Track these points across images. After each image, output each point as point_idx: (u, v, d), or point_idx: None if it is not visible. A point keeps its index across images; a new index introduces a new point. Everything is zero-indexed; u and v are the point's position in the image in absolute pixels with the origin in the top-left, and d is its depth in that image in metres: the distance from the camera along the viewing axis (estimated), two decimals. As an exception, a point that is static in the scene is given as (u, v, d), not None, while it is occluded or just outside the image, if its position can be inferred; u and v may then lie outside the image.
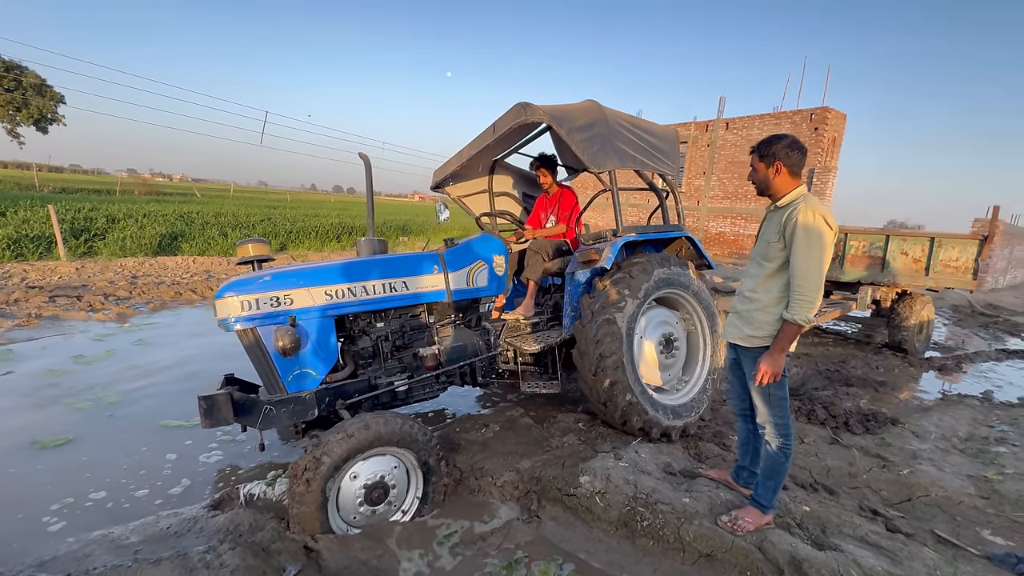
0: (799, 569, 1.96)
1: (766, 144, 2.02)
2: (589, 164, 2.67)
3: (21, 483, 2.47)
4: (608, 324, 2.63)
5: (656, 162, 3.01)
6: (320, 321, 2.43)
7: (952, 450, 3.33)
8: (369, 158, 3.04)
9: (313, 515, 1.99)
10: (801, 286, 1.88)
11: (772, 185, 2.01)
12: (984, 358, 6.27)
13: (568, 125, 2.58)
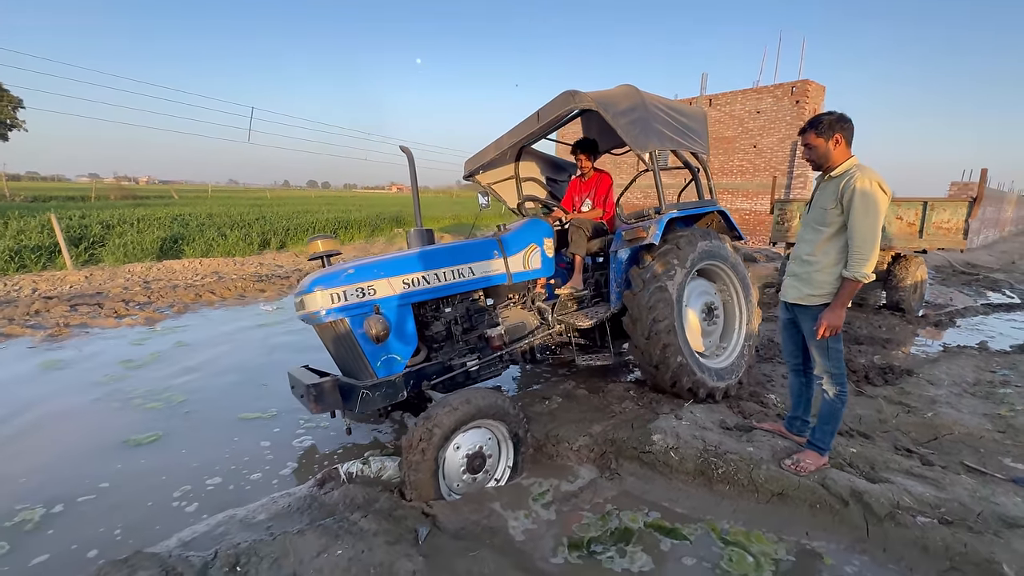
0: (860, 500, 2.24)
1: (819, 121, 2.23)
2: (632, 146, 2.86)
3: (133, 476, 2.61)
4: (660, 291, 2.85)
5: (689, 141, 3.21)
6: (400, 309, 2.59)
7: (964, 394, 3.67)
8: (411, 151, 3.15)
9: (428, 482, 2.19)
10: (860, 246, 2.12)
11: (831, 156, 2.23)
12: (973, 313, 6.73)
13: (613, 110, 2.75)
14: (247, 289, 7.21)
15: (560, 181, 4.28)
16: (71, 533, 2.16)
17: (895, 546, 2.06)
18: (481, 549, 2.00)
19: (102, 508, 2.32)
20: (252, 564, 1.87)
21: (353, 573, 1.80)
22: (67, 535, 2.14)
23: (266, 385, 3.80)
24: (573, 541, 2.12)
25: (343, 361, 2.64)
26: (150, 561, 1.87)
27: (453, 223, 18.17)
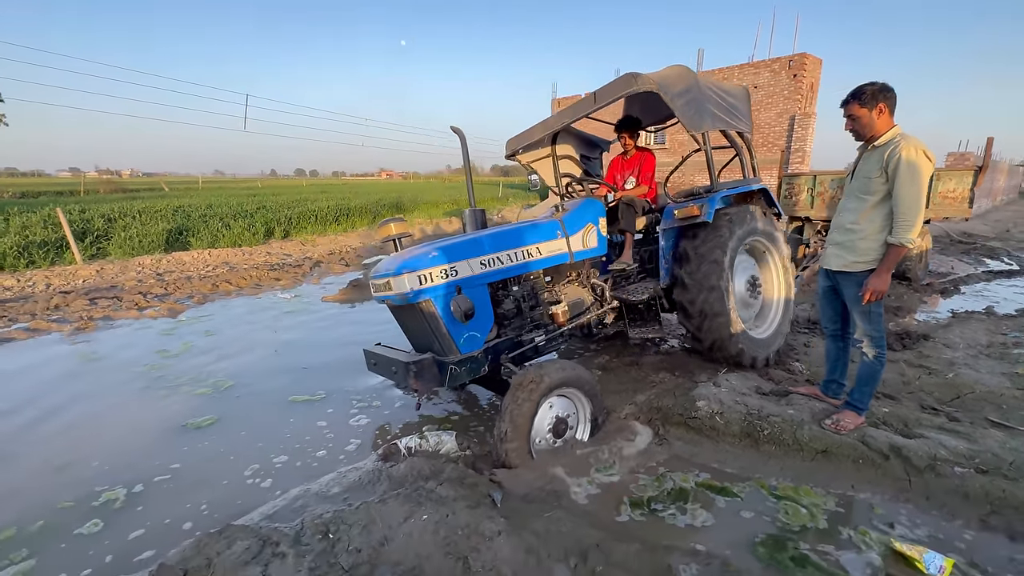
0: (899, 454, 2.38)
1: (862, 91, 2.29)
2: (688, 126, 2.92)
3: (202, 457, 2.71)
4: (714, 266, 2.95)
5: (736, 121, 3.27)
6: (478, 289, 2.69)
7: (980, 355, 3.83)
8: (462, 131, 3.19)
9: (525, 422, 2.33)
10: (905, 213, 2.21)
11: (875, 126, 2.30)
12: (975, 280, 6.91)
13: (670, 92, 2.80)
14: (262, 278, 7.23)
15: (592, 158, 4.32)
16: (160, 509, 2.26)
17: (937, 494, 2.20)
18: (555, 511, 2.12)
19: (182, 486, 2.43)
20: (342, 531, 1.98)
21: (442, 535, 1.90)
22: (156, 511, 2.24)
23: (306, 369, 3.88)
24: (634, 500, 2.25)
25: (422, 339, 2.74)
26: (244, 532, 1.97)
27: (454, 208, 18.12)
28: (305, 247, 10.23)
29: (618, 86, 2.84)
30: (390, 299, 2.63)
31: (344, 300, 6.21)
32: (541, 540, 1.91)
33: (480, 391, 3.52)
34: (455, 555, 1.83)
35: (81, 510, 2.27)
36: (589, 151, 4.34)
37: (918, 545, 1.90)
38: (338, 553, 1.87)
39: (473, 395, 3.49)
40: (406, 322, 2.79)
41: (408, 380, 2.46)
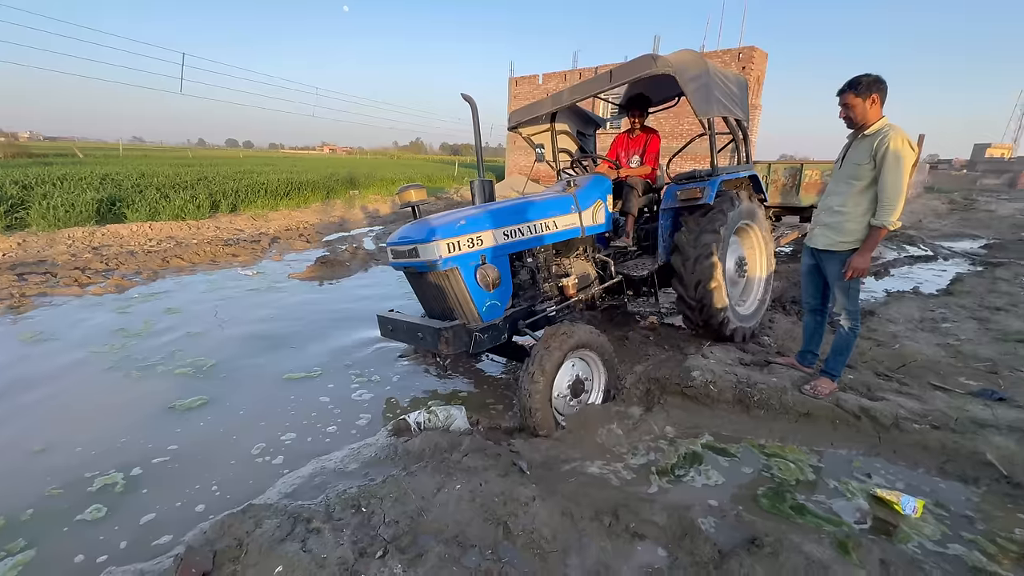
0: (868, 414, 2.68)
1: (858, 82, 2.47)
2: (697, 111, 3.02)
3: (200, 438, 2.58)
4: (709, 246, 3.11)
5: (736, 108, 3.42)
6: (500, 259, 2.71)
7: (917, 329, 4.31)
8: (473, 99, 3.12)
9: (554, 367, 2.41)
10: (890, 198, 2.44)
11: (867, 115, 2.49)
12: (900, 264, 7.70)
13: (685, 75, 2.88)
14: (217, 254, 6.76)
15: (588, 135, 4.37)
16: (167, 492, 2.14)
17: (902, 448, 2.51)
18: (578, 475, 2.22)
19: (186, 468, 2.30)
20: (374, 505, 1.97)
21: (478, 503, 1.95)
22: (164, 494, 2.12)
23: (294, 347, 3.73)
24: (651, 463, 2.39)
25: (441, 306, 2.73)
26: (269, 511, 1.92)
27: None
28: (257, 222, 9.63)
29: (637, 66, 2.88)
30: (414, 265, 2.60)
31: (312, 277, 5.97)
32: (573, 503, 2.00)
33: (483, 367, 3.55)
34: (494, 521, 1.88)
35: (75, 496, 2.10)
36: (585, 128, 4.39)
37: (894, 491, 2.17)
38: (375, 525, 1.87)
39: (476, 371, 3.51)
40: (426, 289, 2.77)
41: (439, 344, 2.46)
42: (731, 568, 1.68)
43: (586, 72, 19.61)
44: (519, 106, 3.89)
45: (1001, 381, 3.24)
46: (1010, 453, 2.35)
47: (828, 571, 1.65)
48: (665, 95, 4.02)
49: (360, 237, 9.20)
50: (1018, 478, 2.24)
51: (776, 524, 1.95)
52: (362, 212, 12.71)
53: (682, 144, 4.17)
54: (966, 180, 30.30)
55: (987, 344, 3.92)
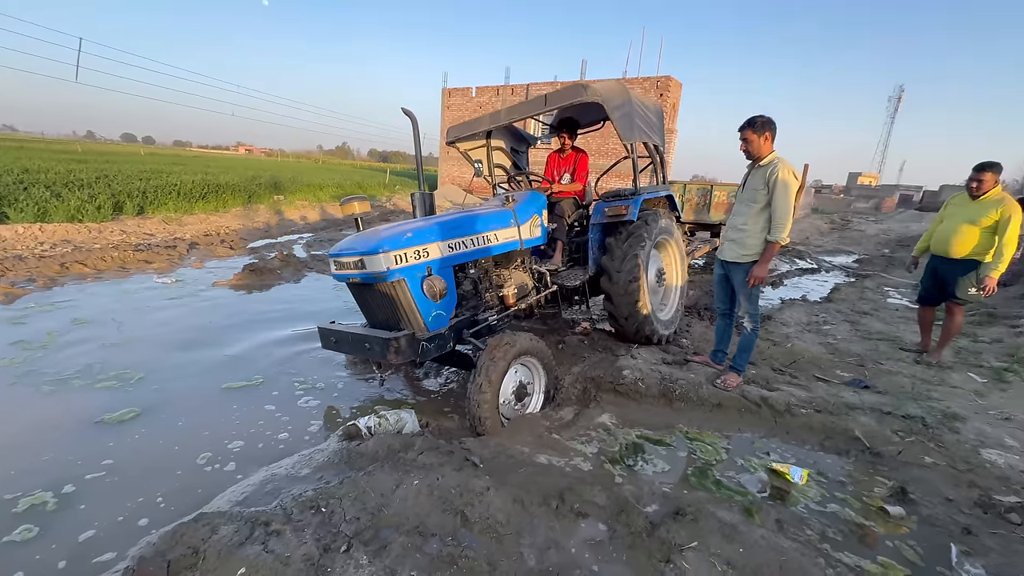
0: (767, 403, 3.14)
1: (755, 121, 2.98)
2: (622, 136, 3.37)
3: (138, 450, 2.46)
4: (634, 259, 3.47)
5: (654, 134, 3.83)
6: (446, 270, 2.80)
7: (804, 331, 5.03)
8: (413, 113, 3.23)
9: (499, 375, 2.57)
10: (780, 218, 2.93)
11: (761, 149, 3.00)
12: (790, 275, 8.82)
13: (612, 103, 3.21)
14: (127, 260, 6.20)
15: (521, 151, 4.62)
16: (107, 508, 2.03)
17: (793, 430, 2.97)
18: (526, 467, 2.41)
19: (125, 482, 2.19)
20: (333, 504, 2.03)
21: (436, 496, 2.07)
22: (103, 510, 2.02)
23: (229, 357, 3.58)
24: (586, 447, 2.64)
25: (385, 316, 2.77)
26: (223, 517, 1.91)
27: (340, 193, 17.09)
28: (170, 227, 8.91)
29: (569, 93, 3.18)
30: (359, 277, 2.65)
31: (240, 286, 5.69)
32: (523, 490, 2.18)
33: (423, 374, 3.64)
34: (452, 511, 2.02)
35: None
36: (519, 145, 4.66)
37: (787, 464, 2.60)
38: (337, 523, 1.93)
39: (417, 379, 3.60)
40: (371, 300, 2.81)
41: (388, 354, 2.52)
42: (660, 534, 1.95)
43: (518, 88, 20.25)
44: (452, 116, 4.05)
45: (867, 372, 3.91)
46: (872, 429, 2.89)
47: (736, 530, 1.98)
48: (592, 119, 4.41)
49: (289, 244, 8.83)
50: (877, 448, 2.76)
51: (697, 496, 2.27)
52: (289, 218, 12.16)
53: (610, 162, 4.59)
54: (843, 203, 34.88)
55: (856, 342, 4.68)
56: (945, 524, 2.19)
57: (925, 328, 4.30)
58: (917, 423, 2.94)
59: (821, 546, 2.03)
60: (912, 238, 14.84)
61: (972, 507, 2.28)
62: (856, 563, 1.95)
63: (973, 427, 2.95)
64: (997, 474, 2.51)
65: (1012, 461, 2.62)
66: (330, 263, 2.78)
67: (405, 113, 3.21)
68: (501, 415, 2.71)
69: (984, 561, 1.98)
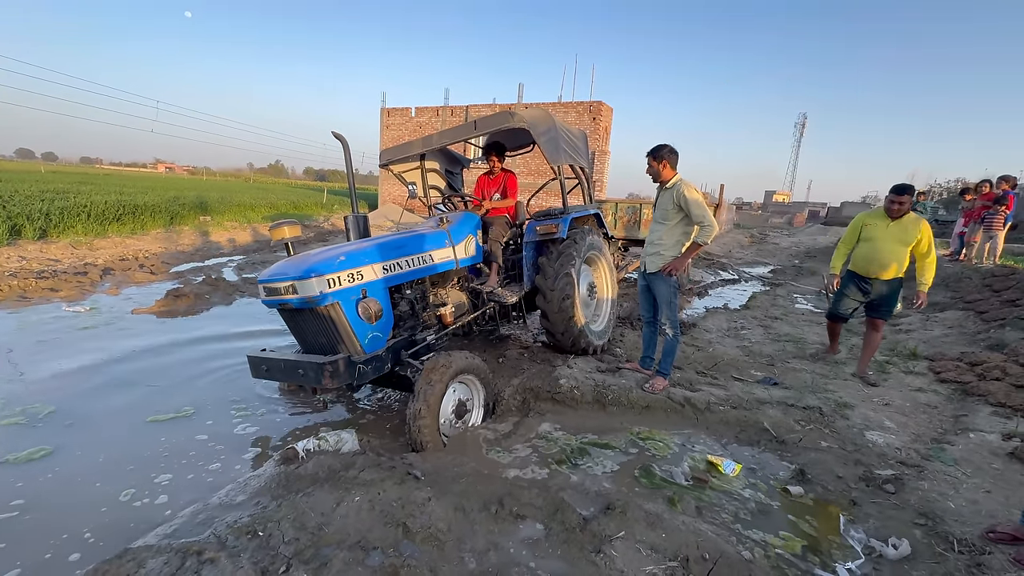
0: (690, 403, 3.42)
1: (657, 150, 3.34)
2: (549, 159, 3.60)
3: (52, 489, 2.33)
4: (566, 276, 3.68)
5: (579, 157, 4.10)
6: (382, 291, 2.83)
7: (724, 336, 5.48)
8: (344, 137, 3.28)
9: (437, 399, 2.63)
10: (705, 224, 3.23)
11: (663, 174, 3.36)
12: (715, 286, 9.53)
13: (538, 129, 3.43)
14: (27, 288, 5.66)
15: (455, 173, 4.76)
16: (29, 547, 1.88)
17: (712, 425, 3.26)
18: (467, 476, 2.49)
19: (41, 521, 2.05)
20: (271, 528, 2.01)
21: (379, 510, 2.11)
22: (25, 550, 1.86)
23: (154, 388, 3.39)
24: (518, 457, 2.76)
25: (319, 341, 2.74)
26: (150, 551, 1.85)
27: (272, 212, 16.43)
28: (79, 251, 8.20)
29: (498, 119, 3.38)
30: (290, 302, 2.63)
31: (163, 312, 5.36)
32: (464, 498, 2.26)
33: (362, 394, 3.63)
34: (394, 523, 2.06)
35: None
36: (452, 166, 4.80)
37: (720, 456, 2.83)
38: (275, 546, 1.92)
39: (358, 399, 3.58)
40: (303, 325, 2.79)
41: (323, 380, 2.51)
42: (592, 528, 2.10)
43: (457, 109, 20.57)
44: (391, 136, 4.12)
45: (776, 371, 4.34)
46: (778, 420, 3.23)
47: (661, 519, 2.16)
48: (521, 143, 4.65)
49: (219, 267, 8.39)
50: (782, 437, 3.09)
51: (626, 491, 2.45)
52: (217, 240, 11.54)
53: (540, 182, 4.84)
54: (761, 219, 38.00)
55: (768, 344, 5.17)
56: (836, 498, 2.50)
57: (834, 337, 4.58)
58: (815, 412, 3.33)
59: (734, 526, 2.26)
60: (820, 250, 16.48)
61: (857, 481, 2.62)
62: (763, 538, 2.19)
63: (860, 413, 3.39)
64: (877, 452, 2.90)
65: (889, 440, 3.04)
66: (259, 289, 2.73)
67: (336, 137, 3.24)
68: (442, 434, 2.77)
69: (865, 526, 2.30)
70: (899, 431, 3.17)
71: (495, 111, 21.91)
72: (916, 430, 3.23)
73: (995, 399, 3.59)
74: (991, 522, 2.23)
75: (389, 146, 4.14)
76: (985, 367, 4.07)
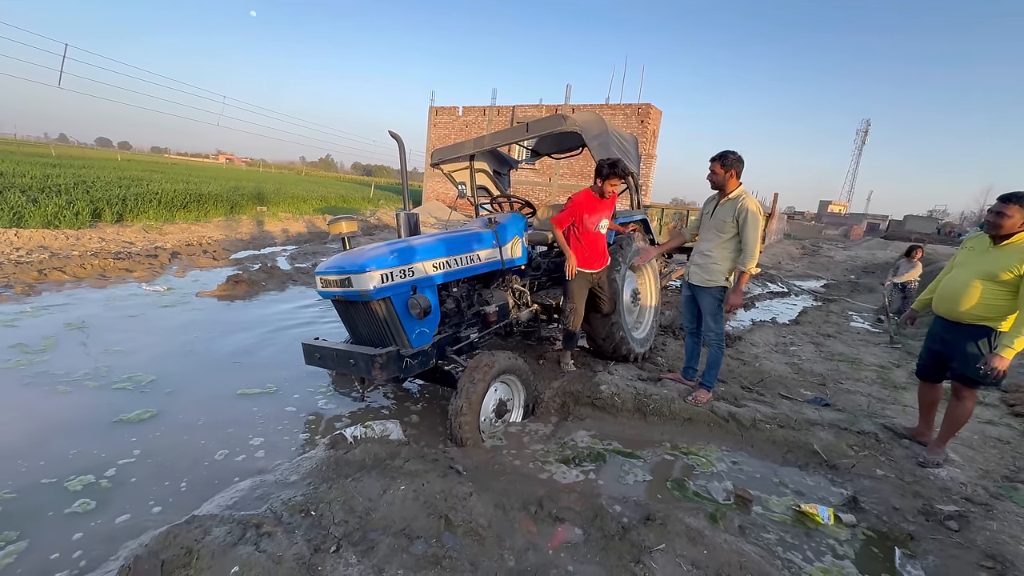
0: (735, 418, 3.33)
1: (724, 156, 3.21)
2: None
3: (160, 446, 2.72)
4: (612, 283, 3.65)
5: (630, 162, 4.07)
6: (430, 289, 2.92)
7: (772, 351, 5.29)
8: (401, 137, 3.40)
9: (479, 397, 2.69)
10: (750, 249, 3.14)
11: (727, 184, 3.24)
12: (762, 298, 9.17)
13: (590, 133, 3.43)
14: (107, 268, 6.15)
15: (503, 174, 4.81)
16: (137, 496, 2.30)
17: (758, 443, 3.16)
18: (508, 474, 2.53)
19: (150, 472, 2.45)
20: (322, 508, 2.12)
21: (422, 501, 2.18)
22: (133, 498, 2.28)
23: (239, 363, 3.78)
24: (565, 460, 2.78)
25: (370, 333, 2.86)
26: (215, 520, 1.99)
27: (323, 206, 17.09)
28: (150, 235, 8.83)
29: (550, 122, 3.39)
30: (345, 295, 2.75)
31: (224, 296, 5.70)
32: (504, 496, 2.31)
33: (408, 386, 3.74)
34: (437, 514, 2.12)
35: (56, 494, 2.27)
36: (501, 168, 4.86)
37: (812, 503, 2.66)
38: (326, 526, 2.02)
39: (404, 389, 3.69)
40: (355, 317, 2.91)
41: (372, 371, 2.61)
42: (632, 537, 2.09)
43: (504, 109, 20.71)
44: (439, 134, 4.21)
45: (828, 391, 4.16)
46: (829, 444, 3.10)
47: (702, 535, 2.13)
48: (569, 145, 4.65)
49: (273, 256, 8.83)
50: (834, 462, 2.96)
51: (667, 504, 2.42)
52: (272, 230, 12.13)
53: (585, 184, 4.81)
54: (814, 230, 36.21)
55: (820, 363, 4.95)
56: (891, 530, 2.38)
57: (924, 410, 3.22)
58: (871, 438, 3.16)
59: (777, 549, 2.20)
60: (878, 265, 15.58)
61: (916, 515, 2.48)
62: (810, 566, 2.12)
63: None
64: (940, 485, 2.73)
65: (953, 474, 2.85)
66: (316, 281, 2.87)
67: (392, 136, 3.36)
68: (481, 431, 2.82)
69: (924, 563, 2.17)
70: (965, 465, 2.97)
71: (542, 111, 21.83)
72: (985, 466, 3.01)
73: (1077, 438, 3.31)
74: (1069, 571, 2.06)
75: (436, 144, 4.26)
76: (1067, 403, 3.75)
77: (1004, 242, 2.70)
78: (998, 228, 2.69)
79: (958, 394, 2.90)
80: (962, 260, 2.93)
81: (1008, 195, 2.68)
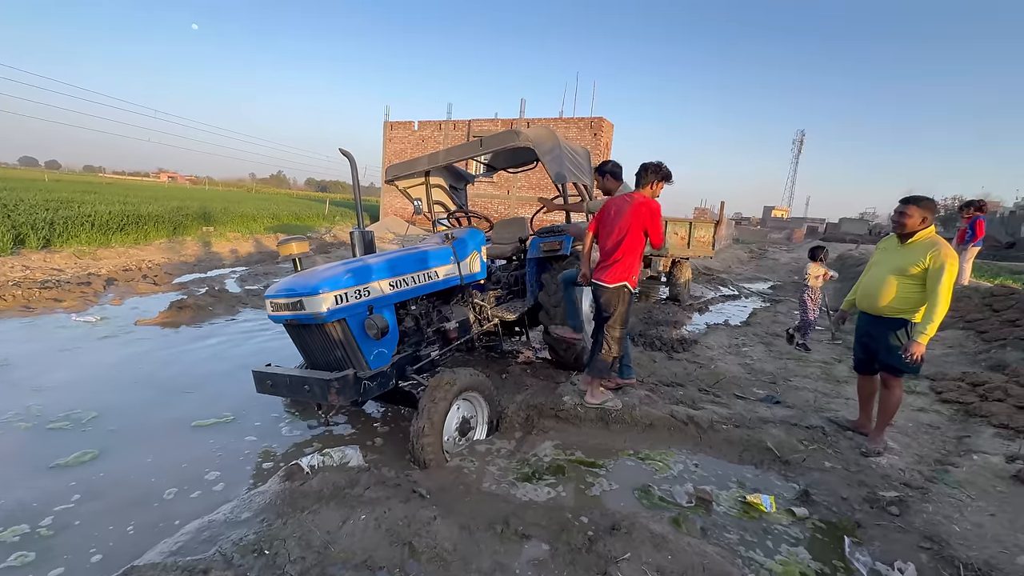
0: (693, 420, 3.42)
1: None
2: (554, 178, 3.64)
3: (102, 488, 2.50)
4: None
5: (582, 175, 4.15)
6: (387, 308, 2.85)
7: (726, 353, 5.50)
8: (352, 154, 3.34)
9: (441, 417, 2.63)
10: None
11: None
12: (715, 302, 9.55)
13: (542, 148, 3.48)
14: (31, 298, 5.68)
15: (459, 188, 4.81)
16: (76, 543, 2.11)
17: (716, 444, 3.26)
18: (471, 495, 2.49)
19: (91, 518, 2.24)
20: (277, 546, 2.01)
21: (384, 529, 2.11)
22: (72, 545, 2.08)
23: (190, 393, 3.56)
24: (526, 476, 2.76)
25: (325, 356, 2.74)
26: (154, 570, 1.84)
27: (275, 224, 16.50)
28: (83, 261, 8.24)
29: (504, 138, 3.44)
30: (298, 318, 2.65)
31: (167, 323, 5.37)
32: (469, 518, 2.26)
33: (370, 409, 3.63)
34: (400, 542, 2.06)
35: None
36: (457, 183, 4.86)
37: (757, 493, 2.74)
38: (281, 565, 1.92)
39: (366, 412, 3.58)
40: (309, 341, 2.80)
41: (328, 396, 2.52)
42: (598, 548, 2.09)
43: (460, 123, 20.79)
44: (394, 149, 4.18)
45: (778, 388, 4.35)
46: (781, 440, 3.23)
47: (666, 540, 2.16)
48: (524, 160, 4.71)
49: (221, 279, 8.40)
50: (786, 457, 3.09)
51: (631, 511, 2.44)
52: (220, 251, 11.59)
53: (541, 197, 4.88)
54: (760, 234, 38.14)
55: (770, 361, 5.18)
56: (841, 520, 2.50)
57: (863, 402, 3.42)
58: (818, 432, 3.33)
59: (738, 548, 2.26)
60: (817, 266, 16.56)
61: (861, 503, 2.62)
62: (768, 561, 2.19)
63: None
64: (881, 473, 2.90)
65: (892, 461, 3.04)
66: (266, 304, 2.76)
67: (343, 154, 3.30)
68: (445, 452, 2.77)
69: (871, 549, 2.29)
70: (902, 452, 3.17)
71: (498, 125, 22.01)
72: (919, 451, 3.23)
73: (997, 420, 3.60)
74: (996, 546, 2.23)
75: (392, 159, 4.23)
76: (987, 388, 4.08)
77: (909, 240, 3.00)
78: (903, 227, 2.99)
79: (886, 383, 3.14)
80: (877, 259, 3.23)
81: (907, 197, 3.01)
